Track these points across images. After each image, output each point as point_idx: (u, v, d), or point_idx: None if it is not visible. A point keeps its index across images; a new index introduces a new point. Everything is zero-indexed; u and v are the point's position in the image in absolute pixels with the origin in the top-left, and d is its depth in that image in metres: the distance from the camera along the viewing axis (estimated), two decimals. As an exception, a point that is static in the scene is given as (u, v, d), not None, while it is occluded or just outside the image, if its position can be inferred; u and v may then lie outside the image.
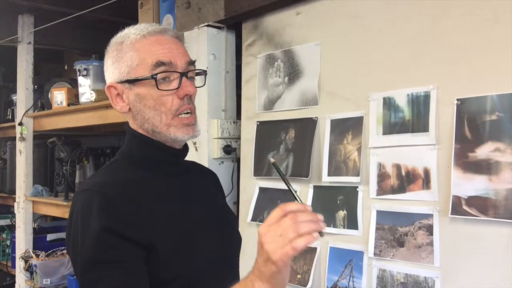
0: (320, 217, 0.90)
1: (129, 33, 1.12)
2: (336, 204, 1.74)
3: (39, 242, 3.48)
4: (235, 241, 1.26)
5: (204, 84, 1.23)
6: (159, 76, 1.07)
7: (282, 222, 0.88)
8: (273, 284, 0.92)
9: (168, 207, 1.11)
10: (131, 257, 0.99)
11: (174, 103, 1.09)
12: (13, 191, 3.64)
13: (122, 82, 1.11)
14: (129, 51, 1.10)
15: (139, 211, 1.04)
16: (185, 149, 1.20)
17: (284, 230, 0.87)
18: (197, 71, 1.17)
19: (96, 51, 3.05)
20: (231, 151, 2.17)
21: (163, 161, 1.16)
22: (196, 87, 1.13)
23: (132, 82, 1.10)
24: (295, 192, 0.99)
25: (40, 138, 3.56)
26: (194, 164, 1.35)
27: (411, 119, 1.56)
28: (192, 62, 1.14)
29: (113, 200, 1.03)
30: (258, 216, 1.96)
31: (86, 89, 2.88)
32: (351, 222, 1.69)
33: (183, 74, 1.10)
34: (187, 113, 1.11)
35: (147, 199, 1.08)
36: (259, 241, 0.90)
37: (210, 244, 1.13)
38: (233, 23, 2.19)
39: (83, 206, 1.04)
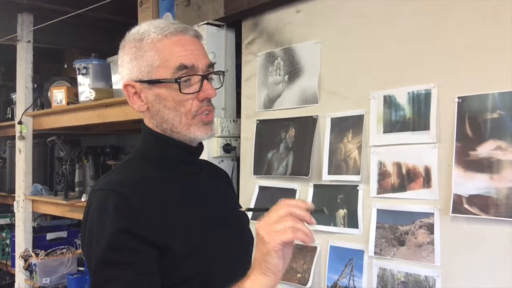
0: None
1: (149, 30, 1.10)
2: (336, 203, 1.73)
3: (39, 241, 3.48)
4: (248, 241, 1.25)
5: (222, 85, 1.23)
6: (181, 79, 1.08)
7: (281, 217, 0.93)
8: (265, 270, 0.92)
9: (183, 206, 1.11)
10: (144, 258, 0.99)
11: (194, 105, 1.10)
12: (12, 190, 3.64)
13: (141, 81, 1.10)
14: (150, 50, 1.09)
15: (155, 210, 1.04)
16: (200, 147, 1.20)
17: (282, 219, 0.93)
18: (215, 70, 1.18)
19: (95, 50, 3.05)
20: (230, 149, 2.16)
21: (179, 160, 1.16)
22: (216, 89, 1.14)
23: (153, 83, 1.09)
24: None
25: (40, 137, 3.56)
26: (207, 163, 1.35)
27: (411, 117, 1.55)
28: (211, 65, 1.14)
29: (129, 200, 1.03)
30: (258, 215, 1.95)
31: (85, 88, 2.88)
32: (352, 221, 1.68)
33: (204, 77, 1.10)
34: (206, 113, 1.13)
35: (162, 198, 1.08)
36: (256, 232, 0.94)
37: (224, 244, 1.13)
38: (232, 21, 2.18)
39: (98, 205, 1.04)
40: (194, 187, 1.17)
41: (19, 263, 3.39)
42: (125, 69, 1.13)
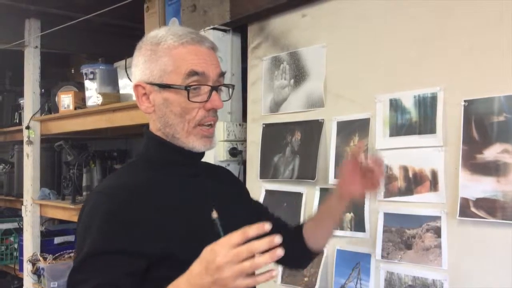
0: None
1: (167, 36, 1.12)
2: (343, 207, 1.73)
3: (47, 245, 3.49)
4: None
5: (230, 98, 1.24)
6: (191, 87, 1.09)
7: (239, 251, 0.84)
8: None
9: (181, 209, 1.11)
10: (119, 269, 0.99)
11: (200, 113, 1.11)
12: (20, 195, 3.66)
13: (152, 84, 1.12)
14: (165, 55, 1.11)
15: (149, 215, 1.04)
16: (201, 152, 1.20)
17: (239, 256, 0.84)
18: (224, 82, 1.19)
19: (102, 55, 3.07)
20: (237, 153, 2.17)
21: (179, 163, 1.16)
22: (223, 101, 1.15)
23: (163, 87, 1.11)
24: None
25: (47, 142, 3.58)
26: (206, 164, 1.35)
27: (418, 120, 1.55)
28: (222, 74, 1.16)
29: (124, 206, 1.03)
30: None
31: (92, 92, 2.89)
32: (358, 225, 1.68)
33: (213, 88, 1.12)
34: (209, 124, 1.14)
35: (160, 202, 1.09)
36: (211, 248, 0.86)
37: None
38: (238, 26, 2.19)
39: (91, 209, 1.05)
40: (195, 190, 1.17)
41: (27, 267, 3.40)
42: (138, 69, 1.15)
